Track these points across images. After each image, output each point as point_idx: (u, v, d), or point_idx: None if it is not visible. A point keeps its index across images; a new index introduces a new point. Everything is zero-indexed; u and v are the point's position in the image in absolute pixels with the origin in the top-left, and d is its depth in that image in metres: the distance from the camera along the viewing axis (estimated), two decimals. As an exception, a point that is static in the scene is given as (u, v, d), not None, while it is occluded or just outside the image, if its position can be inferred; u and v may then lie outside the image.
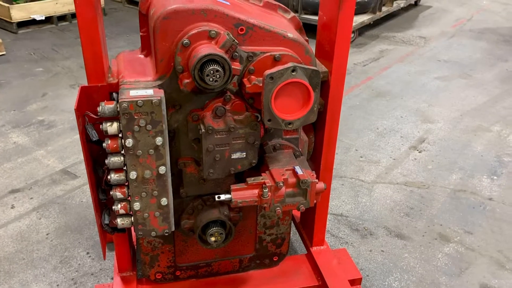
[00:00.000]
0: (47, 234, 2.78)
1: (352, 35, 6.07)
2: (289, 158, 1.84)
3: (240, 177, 1.87)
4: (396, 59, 5.59)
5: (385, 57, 5.64)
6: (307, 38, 1.92)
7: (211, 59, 1.52)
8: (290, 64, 1.56)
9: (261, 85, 1.62)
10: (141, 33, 1.87)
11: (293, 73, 1.56)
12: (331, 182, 2.22)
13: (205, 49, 1.54)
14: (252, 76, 1.67)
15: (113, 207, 1.70)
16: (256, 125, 1.70)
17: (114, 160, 1.65)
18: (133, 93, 1.58)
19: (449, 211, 3.02)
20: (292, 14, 1.95)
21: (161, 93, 1.59)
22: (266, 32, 1.67)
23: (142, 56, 1.89)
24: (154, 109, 1.57)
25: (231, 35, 1.57)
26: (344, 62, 1.87)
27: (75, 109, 1.62)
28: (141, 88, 1.63)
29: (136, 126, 1.57)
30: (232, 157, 1.72)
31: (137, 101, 1.54)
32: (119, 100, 1.54)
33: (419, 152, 3.68)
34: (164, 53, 1.62)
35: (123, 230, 1.85)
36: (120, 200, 1.70)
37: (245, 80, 1.68)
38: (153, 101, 1.55)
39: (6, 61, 5.31)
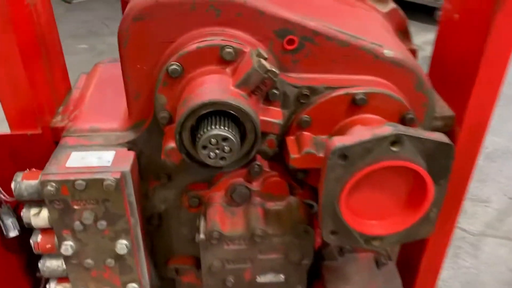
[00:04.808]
0: None
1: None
2: (367, 271, 1.02)
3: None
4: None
5: None
6: (415, 47, 1.06)
7: (215, 112, 0.73)
8: (388, 131, 0.71)
9: (321, 155, 0.81)
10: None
11: (394, 149, 0.72)
12: None
13: (206, 88, 0.74)
14: (306, 133, 0.85)
15: None
16: (306, 229, 0.89)
17: (51, 265, 0.94)
18: (72, 162, 0.84)
19: None
20: (392, 4, 1.08)
21: (125, 165, 0.83)
22: (339, 47, 0.83)
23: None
24: (108, 196, 0.81)
25: (262, 60, 0.75)
26: (492, 99, 0.98)
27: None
28: (96, 145, 0.88)
29: (77, 223, 0.84)
30: (257, 281, 0.93)
31: (75, 180, 0.80)
32: (41, 177, 0.81)
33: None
34: (140, 84, 0.86)
35: None
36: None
37: (290, 140, 0.86)
38: (105, 183, 0.80)
39: (52, 34, 4.86)
